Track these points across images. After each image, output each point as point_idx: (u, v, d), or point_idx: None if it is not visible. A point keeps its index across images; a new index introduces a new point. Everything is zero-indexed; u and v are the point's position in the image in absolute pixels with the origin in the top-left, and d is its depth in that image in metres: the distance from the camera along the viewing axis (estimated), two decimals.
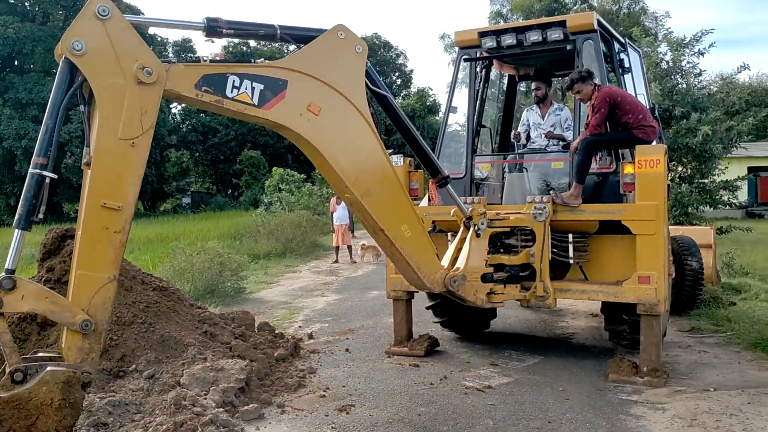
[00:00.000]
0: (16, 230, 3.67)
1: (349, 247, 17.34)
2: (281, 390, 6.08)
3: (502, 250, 6.68)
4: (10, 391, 3.50)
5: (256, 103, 4.32)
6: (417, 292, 7.39)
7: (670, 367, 6.49)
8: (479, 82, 7.75)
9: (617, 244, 6.50)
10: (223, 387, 5.65)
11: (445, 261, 6.06)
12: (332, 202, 17.80)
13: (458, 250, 6.34)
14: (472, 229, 6.19)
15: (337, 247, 17.26)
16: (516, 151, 7.96)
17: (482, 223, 6.24)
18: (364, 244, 17.09)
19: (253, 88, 4.29)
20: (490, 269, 6.36)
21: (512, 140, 8.05)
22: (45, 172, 3.62)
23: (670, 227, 8.44)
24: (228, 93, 4.20)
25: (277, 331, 7.94)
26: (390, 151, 5.44)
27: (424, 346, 7.24)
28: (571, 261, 6.63)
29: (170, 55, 51.74)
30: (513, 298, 6.61)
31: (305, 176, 31.55)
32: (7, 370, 3.54)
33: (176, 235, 21.80)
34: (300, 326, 9.09)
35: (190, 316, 7.27)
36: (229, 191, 52.13)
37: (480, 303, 6.32)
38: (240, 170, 44.92)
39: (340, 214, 17.21)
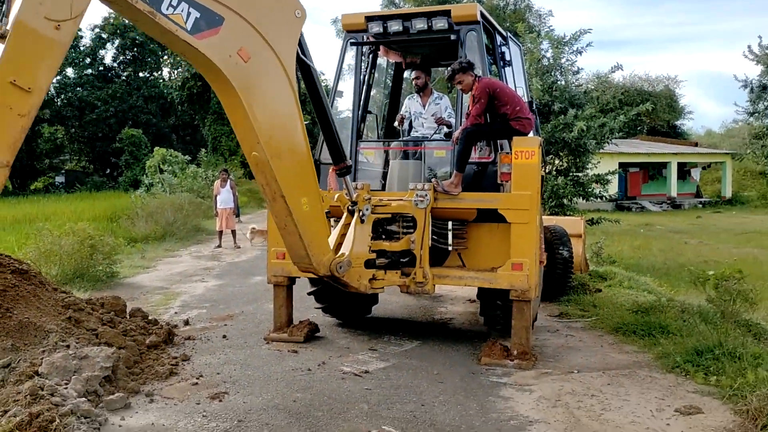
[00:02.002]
0: None
1: (233, 232, 16.90)
2: (151, 378, 5.82)
3: (383, 237, 6.71)
4: None
5: (188, 29, 4.26)
6: (298, 278, 7.31)
7: (539, 351, 6.78)
8: (366, 68, 7.73)
9: (494, 232, 6.69)
10: (87, 376, 5.32)
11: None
12: (216, 185, 17.26)
13: (341, 235, 6.32)
14: (356, 214, 6.18)
15: (221, 232, 16.78)
16: (400, 139, 8.01)
17: (367, 209, 6.26)
18: (254, 228, 16.70)
19: (189, 13, 4.24)
20: (373, 255, 6.39)
21: (395, 125, 8.09)
22: None
23: (545, 217, 8.83)
24: (163, 9, 4.11)
25: (150, 317, 7.59)
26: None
27: (303, 332, 7.17)
28: (450, 248, 6.76)
29: None
30: (394, 283, 6.68)
31: (190, 158, 30.48)
32: None
33: (47, 215, 20.44)
34: (176, 312, 8.76)
35: (53, 301, 6.80)
36: (108, 171, 49.48)
37: (363, 289, 6.34)
38: (119, 149, 42.71)
39: (224, 198, 16.73)
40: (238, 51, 4.58)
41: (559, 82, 15.88)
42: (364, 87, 7.66)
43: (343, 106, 7.86)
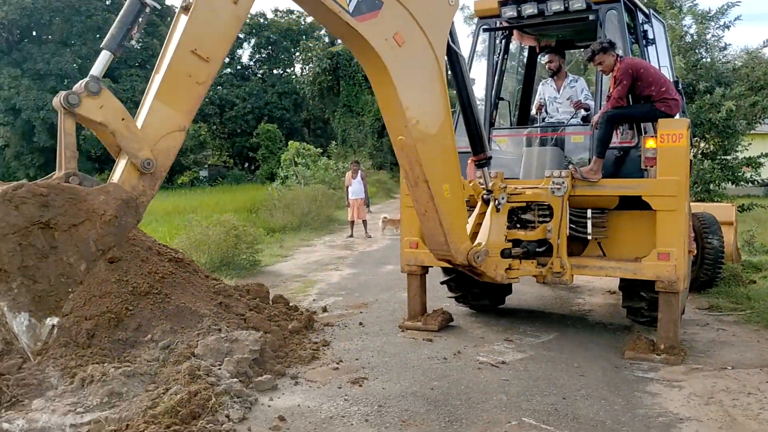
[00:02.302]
0: (104, 51, 3.60)
1: (364, 222, 17.28)
2: (295, 362, 6.08)
3: (518, 226, 6.60)
4: None
5: (350, 11, 4.45)
6: (431, 267, 7.34)
7: (688, 345, 6.41)
8: (498, 54, 7.60)
9: (637, 220, 6.39)
10: (238, 358, 5.66)
11: None
12: (348, 176, 17.72)
13: (477, 224, 6.29)
14: (492, 203, 6.12)
15: (352, 222, 17.22)
16: (535, 125, 7.82)
17: (503, 198, 6.18)
18: (385, 217, 17.00)
19: None
20: (509, 245, 6.31)
21: (534, 113, 7.90)
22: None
23: (692, 204, 8.30)
24: None
25: (291, 304, 7.94)
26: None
27: (438, 321, 7.20)
28: (589, 237, 6.53)
29: None
30: (529, 274, 6.56)
31: (321, 150, 31.48)
32: (62, 173, 3.43)
33: (193, 207, 21.87)
34: (314, 299, 9.09)
35: (205, 288, 7.26)
36: (246, 165, 52.20)
37: (499, 279, 6.28)
38: (256, 144, 44.91)
39: (355, 189, 17.14)
40: (394, 35, 4.70)
41: (704, 60, 14.83)
42: (497, 73, 7.54)
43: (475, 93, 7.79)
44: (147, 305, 6.44)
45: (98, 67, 3.56)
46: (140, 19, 3.62)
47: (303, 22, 54.12)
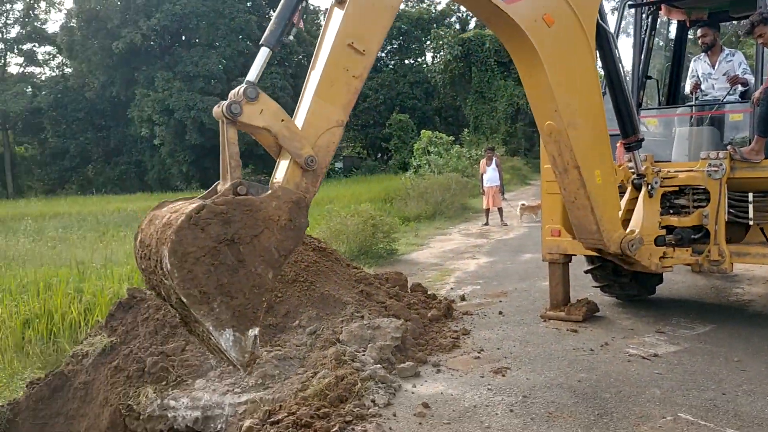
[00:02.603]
0: (262, 48, 3.65)
1: (500, 209, 17.03)
2: (435, 350, 6.12)
3: (671, 211, 6.22)
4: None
5: None
6: (574, 255, 7.11)
7: None
8: (645, 30, 7.19)
9: None
10: (380, 345, 5.79)
11: None
12: (482, 164, 17.53)
13: (627, 211, 6.00)
14: (644, 188, 5.81)
15: (488, 210, 17.04)
16: (687, 104, 7.33)
17: (656, 182, 5.85)
18: (523, 204, 16.69)
19: None
20: (663, 231, 5.97)
21: (688, 92, 7.37)
22: None
23: None
24: None
25: (429, 292, 8.01)
26: None
27: (582, 311, 6.96)
28: (751, 222, 6.04)
29: None
30: (684, 262, 6.18)
31: (453, 138, 31.38)
32: (228, 184, 3.48)
33: (330, 198, 22.59)
34: (452, 288, 9.10)
35: (347, 276, 7.49)
36: (379, 155, 53.14)
37: (654, 268, 5.97)
38: (389, 134, 45.57)
39: (490, 176, 16.93)
40: (544, 16, 4.54)
41: None
42: (644, 51, 7.13)
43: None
44: (294, 293, 6.76)
45: (255, 69, 3.58)
46: (299, 15, 3.65)
47: (434, 11, 54.10)
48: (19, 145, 56.88)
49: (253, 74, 3.55)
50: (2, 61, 57.73)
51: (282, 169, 3.60)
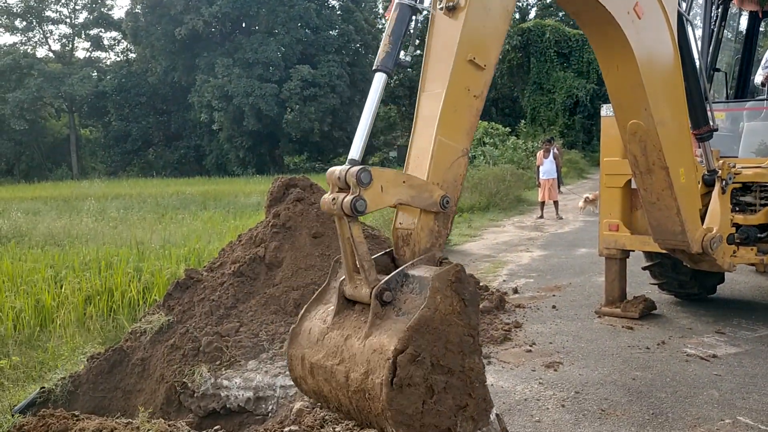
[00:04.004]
0: (378, 74, 3.32)
1: (556, 203, 16.75)
2: (487, 341, 6.07)
3: (737, 209, 6.00)
4: (409, 316, 3.10)
5: None
6: (632, 251, 6.94)
7: None
8: (714, 21, 6.93)
9: None
10: None
11: None
12: (539, 156, 17.25)
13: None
14: (718, 184, 5.60)
15: (543, 202, 16.77)
16: (758, 97, 7.04)
17: (730, 178, 5.64)
18: (587, 197, 16.35)
19: None
20: (733, 229, 5.76)
21: (759, 84, 7.08)
22: (416, 4, 3.30)
23: None
24: None
25: (481, 284, 7.95)
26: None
27: (639, 308, 6.80)
28: None
29: None
30: (748, 261, 5.97)
31: (510, 130, 30.99)
32: (368, 292, 3.17)
33: None
34: (504, 280, 9.01)
35: None
36: None
37: (726, 267, 5.77)
38: None
39: (547, 168, 16.65)
40: (635, 7, 4.34)
41: None
42: (713, 42, 6.88)
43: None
44: None
45: (366, 121, 3.22)
46: (411, 29, 3.29)
47: None
48: (84, 128, 58.92)
49: (357, 149, 3.20)
50: (70, 45, 59.81)
51: (409, 217, 3.30)
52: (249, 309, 6.26)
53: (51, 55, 58.86)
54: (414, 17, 3.30)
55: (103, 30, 59.37)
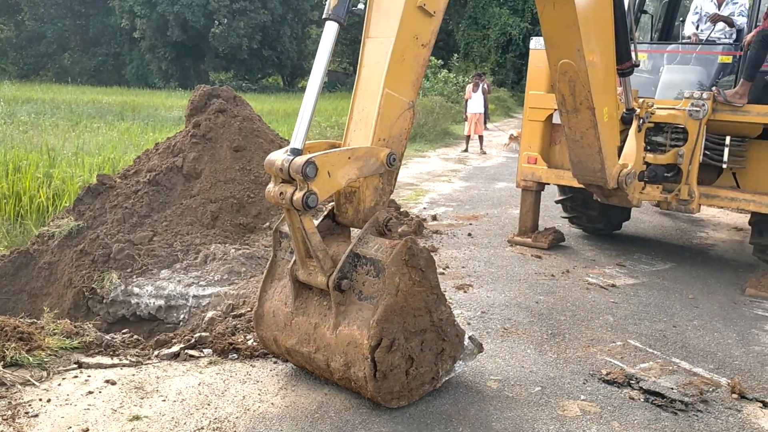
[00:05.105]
0: (327, 24, 3.24)
1: (481, 137, 16.98)
2: None
3: (648, 148, 6.25)
4: (370, 301, 3.23)
5: None
6: (548, 184, 7.17)
7: None
8: None
9: None
10: None
11: None
12: (468, 90, 17.34)
13: None
14: (635, 123, 5.79)
15: (468, 136, 16.97)
16: (679, 41, 7.24)
17: (647, 117, 5.84)
18: (512, 134, 16.61)
19: None
20: (644, 167, 6.01)
21: (687, 32, 7.21)
22: None
23: None
24: None
25: (402, 210, 8.05)
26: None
27: (548, 239, 7.08)
28: (724, 166, 6.11)
29: None
30: (654, 199, 6.28)
31: (442, 63, 30.86)
32: (324, 280, 3.25)
33: None
34: (425, 207, 9.16)
35: None
36: None
37: (635, 202, 6.05)
38: None
39: (475, 103, 16.78)
40: None
41: None
42: None
43: None
44: None
45: (314, 91, 3.15)
46: None
47: None
48: None
49: (300, 136, 3.13)
50: None
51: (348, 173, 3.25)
52: (164, 219, 6.14)
53: None
54: None
55: None
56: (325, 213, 3.64)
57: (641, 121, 5.78)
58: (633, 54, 5.35)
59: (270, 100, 27.83)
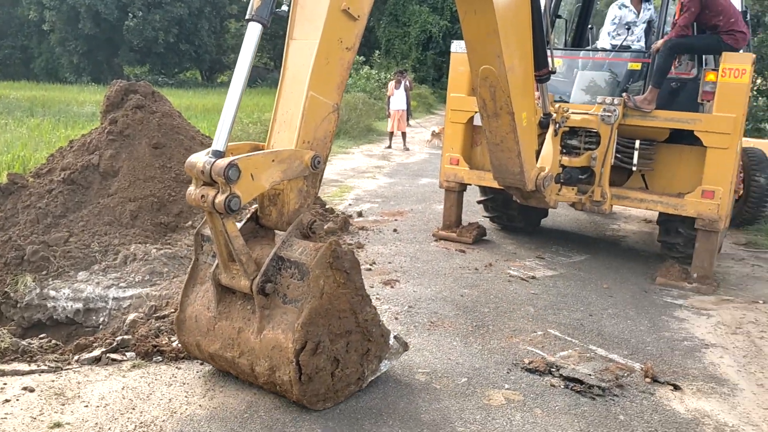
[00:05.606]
0: (250, 25, 3.18)
1: (404, 134, 17.14)
2: None
3: (563, 151, 6.49)
4: (295, 304, 3.21)
5: None
6: (470, 185, 7.34)
7: (721, 278, 6.41)
8: None
9: (685, 155, 6.27)
10: None
11: None
12: (390, 87, 17.47)
13: None
14: (552, 127, 5.99)
15: (392, 133, 17.11)
16: (590, 47, 7.55)
17: (563, 121, 6.06)
18: (434, 131, 16.81)
19: None
20: (560, 170, 6.24)
21: (611, 40, 7.45)
22: None
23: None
24: None
25: (327, 206, 8.06)
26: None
27: (472, 234, 7.25)
28: (634, 168, 6.42)
29: None
30: (570, 200, 6.54)
31: (364, 59, 30.94)
32: (248, 284, 3.22)
33: None
34: (350, 204, 9.20)
35: None
36: None
37: (552, 204, 6.27)
38: None
39: (397, 100, 16.92)
40: None
41: None
42: None
43: None
44: None
45: (230, 112, 3.09)
46: None
47: None
48: None
49: (222, 138, 3.09)
50: None
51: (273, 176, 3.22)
52: (80, 219, 5.93)
53: None
54: None
55: None
56: (249, 216, 3.61)
57: (557, 125, 6.00)
58: (550, 60, 5.55)
59: (188, 95, 27.14)
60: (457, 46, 6.91)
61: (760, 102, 13.62)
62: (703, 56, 6.29)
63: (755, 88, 14.17)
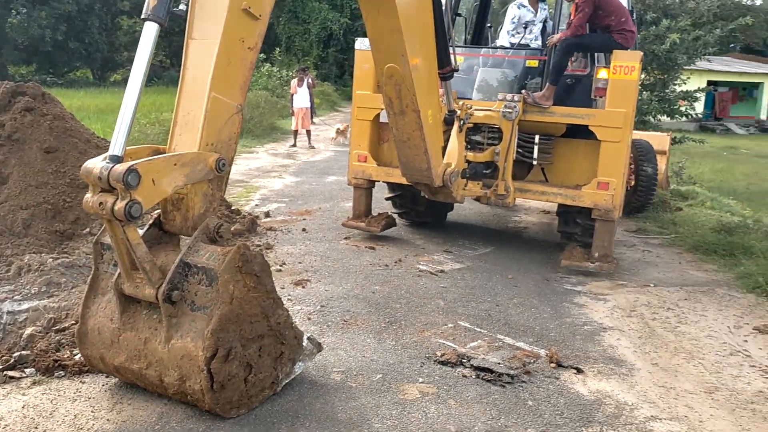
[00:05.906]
0: (147, 24, 3.10)
1: (308, 132, 17.05)
2: None
3: (468, 147, 6.66)
4: (205, 312, 3.14)
5: None
6: (378, 181, 7.39)
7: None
8: None
9: (581, 148, 6.57)
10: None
11: None
12: (293, 84, 17.32)
13: None
14: (456, 124, 6.12)
15: (296, 131, 16.98)
16: (490, 45, 7.78)
17: (467, 118, 6.20)
18: (339, 128, 16.76)
19: None
20: (466, 165, 6.39)
21: (509, 44, 7.70)
22: None
23: None
24: None
25: (233, 207, 7.92)
26: None
27: (381, 223, 7.28)
28: (535, 162, 6.68)
29: None
30: (475, 194, 6.70)
31: (264, 57, 30.51)
32: (153, 293, 3.13)
33: None
34: (257, 204, 9.07)
35: None
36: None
37: (459, 199, 6.41)
38: None
39: (301, 97, 16.81)
40: None
41: None
42: None
43: None
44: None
45: (128, 114, 3.03)
46: None
47: None
48: None
49: (119, 142, 3.00)
50: None
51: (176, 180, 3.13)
52: None
53: None
54: None
55: None
56: (151, 221, 3.50)
57: (462, 122, 6.15)
58: (452, 58, 5.68)
59: (80, 96, 25.87)
60: (361, 44, 6.94)
61: (644, 96, 14.42)
62: (596, 54, 6.61)
63: (640, 83, 15.00)
